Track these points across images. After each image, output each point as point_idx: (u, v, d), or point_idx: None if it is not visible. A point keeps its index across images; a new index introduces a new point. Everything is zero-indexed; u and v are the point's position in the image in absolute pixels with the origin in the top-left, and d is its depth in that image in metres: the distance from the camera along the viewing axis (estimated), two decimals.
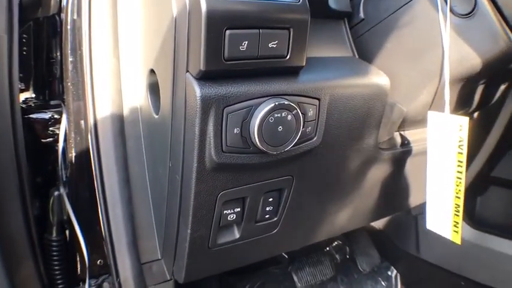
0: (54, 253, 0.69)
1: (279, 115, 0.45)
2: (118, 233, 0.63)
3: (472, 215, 0.93)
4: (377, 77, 0.56)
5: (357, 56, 0.61)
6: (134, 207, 0.64)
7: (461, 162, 0.48)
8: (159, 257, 0.68)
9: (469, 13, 0.48)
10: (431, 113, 0.51)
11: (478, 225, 0.91)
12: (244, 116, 0.45)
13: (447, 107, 0.49)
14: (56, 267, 0.70)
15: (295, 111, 0.46)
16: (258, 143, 0.45)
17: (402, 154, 0.67)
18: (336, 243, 1.14)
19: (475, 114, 0.78)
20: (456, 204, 0.50)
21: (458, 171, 0.49)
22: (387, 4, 0.57)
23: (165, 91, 0.52)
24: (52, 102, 0.74)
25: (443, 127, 0.50)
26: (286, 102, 0.46)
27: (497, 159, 0.87)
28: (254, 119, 0.45)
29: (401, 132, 0.68)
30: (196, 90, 0.42)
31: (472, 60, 0.50)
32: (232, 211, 0.54)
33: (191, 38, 0.42)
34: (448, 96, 0.49)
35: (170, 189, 0.56)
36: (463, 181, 0.49)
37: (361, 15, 0.60)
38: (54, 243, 0.70)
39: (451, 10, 0.49)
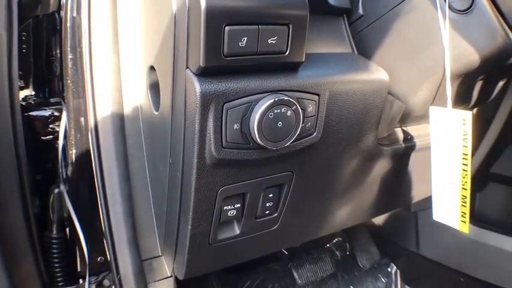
0: (55, 250, 0.70)
1: (278, 111, 0.46)
2: (118, 229, 0.63)
3: (471, 211, 0.94)
4: (376, 73, 0.56)
5: (356, 52, 0.61)
6: (134, 203, 0.64)
7: (466, 155, 0.49)
8: (160, 254, 0.68)
9: (467, 9, 0.49)
10: (434, 108, 0.51)
11: (477, 221, 0.91)
12: (244, 112, 0.45)
13: (449, 102, 0.49)
14: (56, 265, 0.70)
15: (294, 106, 0.47)
16: (257, 139, 0.45)
17: (402, 150, 0.68)
18: (336, 239, 1.15)
19: (474, 110, 0.78)
20: (463, 195, 0.50)
21: (463, 164, 0.49)
22: (386, 0, 0.57)
23: (165, 88, 0.52)
24: (52, 100, 0.74)
25: (446, 122, 0.50)
26: (285, 98, 0.46)
27: (496, 156, 0.87)
28: (254, 114, 0.45)
29: (402, 128, 0.68)
30: (196, 86, 0.43)
31: (470, 56, 0.51)
32: (232, 207, 0.55)
33: (191, 35, 0.42)
34: (450, 91, 0.49)
35: (170, 186, 0.56)
36: (469, 173, 0.49)
37: (360, 11, 0.60)
38: (55, 241, 0.70)
39: (449, 6, 0.49)
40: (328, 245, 1.11)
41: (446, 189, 0.52)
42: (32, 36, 0.72)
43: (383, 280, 1.14)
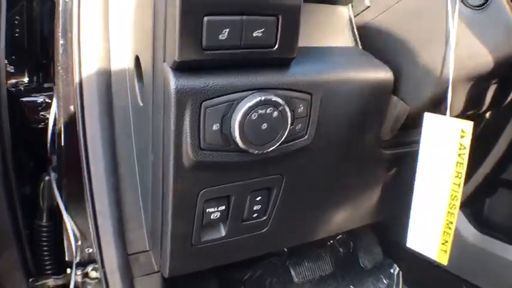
0: (44, 238, 0.69)
1: (263, 111, 0.42)
2: (104, 222, 0.62)
3: (479, 217, 0.88)
4: (379, 71, 0.51)
5: (360, 46, 0.56)
6: (122, 195, 0.62)
7: (459, 173, 0.43)
8: (147, 248, 0.66)
9: (482, 5, 0.43)
10: (429, 116, 0.46)
11: (484, 228, 0.86)
12: (225, 111, 0.41)
13: (448, 110, 0.44)
14: (46, 253, 0.69)
15: (281, 107, 0.42)
16: (239, 142, 0.42)
17: (406, 153, 0.62)
18: (338, 237, 1.11)
19: (488, 114, 0.71)
20: (449, 221, 0.45)
21: (455, 184, 0.43)
22: None
23: (147, 80, 0.49)
24: (46, 85, 0.72)
25: (442, 132, 0.44)
26: (271, 98, 0.42)
27: (508, 161, 0.80)
28: (235, 115, 0.41)
29: (407, 131, 0.62)
30: (171, 82, 0.39)
31: (483, 58, 0.45)
32: (216, 209, 0.52)
33: (168, 24, 0.39)
34: (450, 96, 0.44)
35: (153, 182, 0.54)
36: (459, 196, 0.44)
37: (367, 1, 0.55)
38: (44, 229, 0.69)
39: (462, 0, 0.43)
40: (329, 243, 1.08)
41: (429, 211, 0.46)
42: (26, 20, 0.70)
43: (384, 281, 1.10)
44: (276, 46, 0.41)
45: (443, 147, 0.45)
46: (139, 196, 0.64)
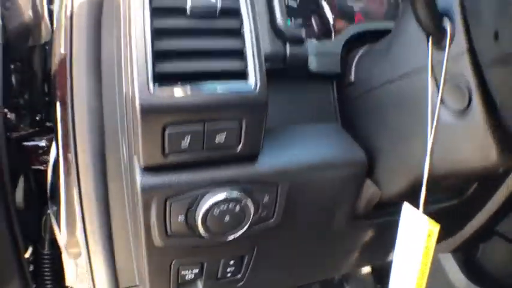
0: (46, 265, 0.76)
1: (225, 206, 0.43)
2: (98, 267, 0.66)
3: (471, 267, 0.87)
4: (354, 154, 0.51)
5: (340, 122, 0.55)
6: (115, 244, 0.66)
7: (423, 274, 0.44)
8: (137, 283, 0.71)
9: (462, 110, 0.40)
10: (407, 206, 0.46)
11: (475, 279, 0.85)
12: (189, 205, 0.44)
13: (421, 206, 0.44)
14: (47, 278, 0.76)
15: (243, 201, 0.44)
16: (202, 233, 0.44)
17: (385, 222, 0.62)
18: None
19: None
20: None
21: (419, 280, 0.44)
22: (380, 72, 0.49)
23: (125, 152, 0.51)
24: (48, 124, 0.76)
25: (414, 226, 0.45)
26: (233, 196, 0.43)
27: (504, 214, 0.78)
28: (198, 210, 0.43)
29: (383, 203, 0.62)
30: (137, 181, 0.42)
31: (457, 165, 0.43)
32: (190, 271, 0.55)
33: (134, 130, 0.41)
34: (424, 194, 0.43)
35: (133, 240, 0.57)
36: None
37: (352, 77, 0.54)
38: (46, 257, 0.76)
39: (443, 101, 0.42)
40: None
41: None
42: (27, 65, 0.74)
43: None
44: (240, 147, 0.42)
45: (414, 241, 0.45)
46: (130, 243, 0.68)
